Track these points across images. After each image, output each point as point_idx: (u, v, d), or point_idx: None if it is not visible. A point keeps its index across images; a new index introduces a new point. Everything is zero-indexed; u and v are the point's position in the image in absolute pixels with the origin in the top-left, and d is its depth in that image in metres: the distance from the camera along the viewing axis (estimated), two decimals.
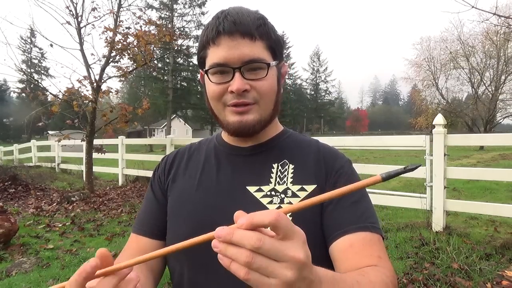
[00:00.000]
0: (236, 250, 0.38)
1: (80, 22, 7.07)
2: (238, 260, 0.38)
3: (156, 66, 30.86)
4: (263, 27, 0.70)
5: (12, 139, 43.33)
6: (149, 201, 0.84)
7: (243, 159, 0.79)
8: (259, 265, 0.38)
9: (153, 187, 0.85)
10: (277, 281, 0.38)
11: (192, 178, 0.80)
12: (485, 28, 20.42)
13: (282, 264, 0.38)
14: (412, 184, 6.72)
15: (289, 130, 0.86)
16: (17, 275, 3.19)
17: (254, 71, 0.70)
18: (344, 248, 0.65)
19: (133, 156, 8.83)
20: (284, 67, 0.80)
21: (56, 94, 7.26)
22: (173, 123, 41.68)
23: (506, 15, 12.21)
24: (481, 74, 22.65)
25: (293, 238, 0.39)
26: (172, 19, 35.49)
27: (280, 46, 0.75)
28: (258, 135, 0.77)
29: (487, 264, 2.92)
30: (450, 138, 3.93)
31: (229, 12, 0.70)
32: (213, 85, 0.71)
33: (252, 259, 0.37)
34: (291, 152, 0.79)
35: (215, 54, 0.69)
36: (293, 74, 67.52)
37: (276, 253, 0.38)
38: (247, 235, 0.38)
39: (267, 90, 0.71)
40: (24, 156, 13.40)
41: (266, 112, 0.74)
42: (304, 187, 0.73)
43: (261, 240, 0.37)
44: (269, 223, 0.38)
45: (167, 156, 0.90)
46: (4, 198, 6.94)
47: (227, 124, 0.73)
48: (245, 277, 0.38)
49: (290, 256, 0.38)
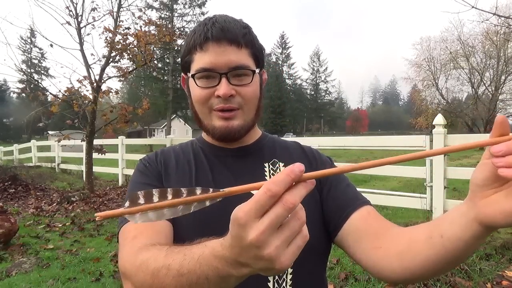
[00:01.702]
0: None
1: (80, 22, 7.08)
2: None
3: (156, 66, 30.88)
4: (248, 35, 0.74)
5: (12, 139, 43.34)
6: (151, 187, 0.76)
7: (234, 160, 0.81)
8: None
9: (149, 174, 0.80)
10: None
11: (187, 176, 0.79)
12: (485, 28, 20.48)
13: None
14: (412, 184, 6.71)
15: (268, 134, 0.90)
16: (17, 275, 3.19)
17: (239, 77, 0.73)
18: (364, 216, 0.71)
19: (133, 156, 8.83)
20: (264, 74, 0.83)
21: (56, 94, 7.27)
22: (173, 123, 41.69)
23: (506, 15, 12.21)
24: (481, 74, 22.68)
25: None
26: (172, 19, 35.51)
27: (262, 55, 0.78)
28: (242, 138, 0.80)
29: (487, 264, 2.93)
30: (450, 138, 3.93)
31: (216, 19, 0.73)
32: (199, 89, 0.73)
33: None
34: (278, 152, 0.84)
35: (202, 59, 0.72)
36: (293, 74, 67.59)
37: None
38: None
39: (251, 96, 0.75)
40: (24, 156, 13.41)
41: (249, 117, 0.77)
42: None
43: None
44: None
45: (154, 152, 0.86)
46: (4, 198, 6.94)
47: (213, 128, 0.75)
48: None
49: None
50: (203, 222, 0.73)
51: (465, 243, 0.50)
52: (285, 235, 0.38)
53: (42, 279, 3.07)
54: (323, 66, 68.91)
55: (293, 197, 0.37)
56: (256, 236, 0.37)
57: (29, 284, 2.97)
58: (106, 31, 7.07)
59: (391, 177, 7.36)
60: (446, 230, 0.52)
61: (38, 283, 3.00)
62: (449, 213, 0.55)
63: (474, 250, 0.51)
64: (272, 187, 0.37)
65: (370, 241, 0.66)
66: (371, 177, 7.22)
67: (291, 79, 67.34)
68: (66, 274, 3.17)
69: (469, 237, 0.49)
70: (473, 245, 0.50)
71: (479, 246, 0.51)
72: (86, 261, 3.51)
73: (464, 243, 0.50)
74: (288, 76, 66.64)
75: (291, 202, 0.37)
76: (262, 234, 0.37)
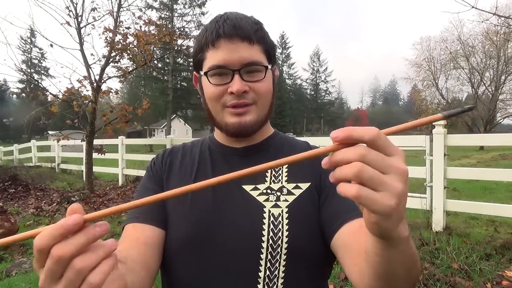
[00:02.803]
0: (344, 167, 0.37)
1: (80, 22, 7.08)
2: (347, 174, 0.36)
3: (156, 66, 30.90)
4: (260, 31, 0.74)
5: (12, 139, 43.31)
6: (151, 191, 0.80)
7: (238, 159, 0.80)
8: (369, 176, 0.36)
9: (152, 178, 0.83)
10: (387, 194, 0.36)
11: (188, 176, 0.80)
12: (485, 28, 20.49)
13: (390, 176, 0.37)
14: (412, 184, 6.70)
15: (279, 133, 0.88)
16: (17, 275, 3.19)
17: (252, 74, 0.72)
18: (355, 229, 0.65)
19: (133, 156, 8.82)
20: (276, 70, 0.82)
21: (56, 94, 7.27)
22: (173, 123, 41.69)
23: (506, 15, 12.21)
24: (481, 74, 22.68)
25: (394, 154, 0.38)
26: (172, 19, 35.49)
27: (274, 50, 0.78)
28: (252, 136, 0.79)
29: (487, 264, 2.93)
30: (450, 138, 3.93)
31: (228, 16, 0.73)
32: (212, 87, 0.73)
33: (361, 168, 0.36)
34: (285, 152, 0.81)
35: (214, 56, 0.71)
36: (293, 74, 67.57)
37: (383, 164, 0.37)
38: (351, 149, 0.37)
39: (265, 91, 0.74)
40: (24, 156, 13.40)
41: (263, 113, 0.76)
42: (299, 184, 0.75)
43: (367, 149, 0.37)
44: (369, 140, 0.37)
45: (163, 151, 0.89)
46: (4, 198, 6.94)
47: (226, 125, 0.74)
48: (356, 194, 0.36)
49: (397, 167, 0.37)
50: (198, 218, 0.73)
51: (379, 257, 0.47)
52: (61, 285, 0.39)
53: None
54: (323, 66, 68.90)
55: (60, 249, 0.37)
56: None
57: (29, 284, 2.97)
58: (106, 31, 7.07)
59: None
60: (366, 244, 0.50)
61: (38, 283, 3.00)
62: None
63: (399, 263, 0.47)
64: (37, 241, 0.38)
65: (351, 257, 0.63)
66: None
67: (291, 79, 67.33)
68: None
69: (374, 250, 0.46)
70: (387, 258, 0.46)
71: (402, 258, 0.46)
72: None
73: (378, 257, 0.47)
74: (288, 76, 66.61)
75: (56, 254, 0.37)
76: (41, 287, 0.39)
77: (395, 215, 0.38)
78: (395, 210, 0.37)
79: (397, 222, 0.40)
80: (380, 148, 0.38)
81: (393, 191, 0.37)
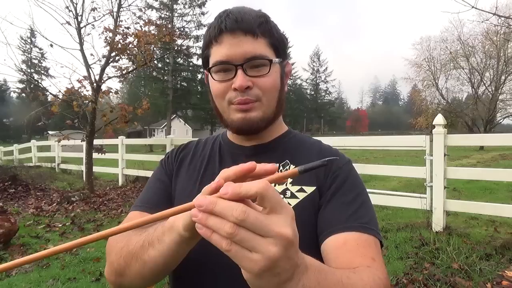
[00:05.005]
0: (218, 221, 0.36)
1: (80, 22, 7.08)
2: (219, 231, 0.36)
3: (156, 66, 30.89)
4: (265, 24, 0.71)
5: (12, 139, 43.27)
6: (161, 183, 0.81)
7: (246, 159, 0.79)
8: (242, 238, 0.35)
9: (163, 171, 0.83)
10: (260, 257, 0.36)
11: (196, 173, 0.80)
12: (485, 28, 20.49)
13: (267, 239, 0.36)
14: (412, 184, 6.71)
15: (293, 131, 0.85)
16: (17, 275, 3.19)
17: (256, 68, 0.69)
18: (337, 245, 0.62)
19: (133, 156, 8.82)
20: (288, 66, 0.79)
21: (56, 94, 7.27)
22: (173, 123, 41.67)
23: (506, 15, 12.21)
24: (481, 74, 22.67)
25: (281, 213, 0.37)
26: (172, 19, 35.47)
27: (283, 44, 0.75)
28: (262, 135, 0.77)
29: (487, 264, 2.93)
30: (450, 138, 3.93)
31: (231, 11, 0.71)
32: (217, 83, 0.72)
33: (235, 231, 0.35)
34: (293, 153, 0.78)
35: (217, 52, 0.70)
36: (293, 74, 67.44)
37: (261, 227, 0.36)
38: (231, 206, 0.36)
39: (269, 86, 0.71)
40: (24, 156, 13.40)
41: (270, 109, 0.73)
42: (304, 188, 0.72)
43: (246, 213, 0.35)
44: (256, 193, 0.36)
45: (178, 146, 0.90)
46: (4, 198, 6.94)
47: (231, 121, 0.73)
48: (226, 248, 0.36)
49: (276, 232, 0.36)
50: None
51: None
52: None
53: (42, 279, 3.08)
54: (323, 66, 68.85)
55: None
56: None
57: (29, 284, 2.97)
58: (106, 31, 7.07)
59: (392, 177, 7.36)
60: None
61: (38, 283, 3.00)
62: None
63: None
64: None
65: None
66: (371, 177, 7.22)
67: (291, 79, 67.29)
68: (66, 274, 3.17)
69: None
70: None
71: None
72: (86, 261, 3.51)
73: None
74: None
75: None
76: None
77: (268, 277, 0.37)
78: (266, 273, 0.37)
79: (276, 284, 0.39)
80: (268, 203, 0.37)
81: (264, 254, 0.36)
